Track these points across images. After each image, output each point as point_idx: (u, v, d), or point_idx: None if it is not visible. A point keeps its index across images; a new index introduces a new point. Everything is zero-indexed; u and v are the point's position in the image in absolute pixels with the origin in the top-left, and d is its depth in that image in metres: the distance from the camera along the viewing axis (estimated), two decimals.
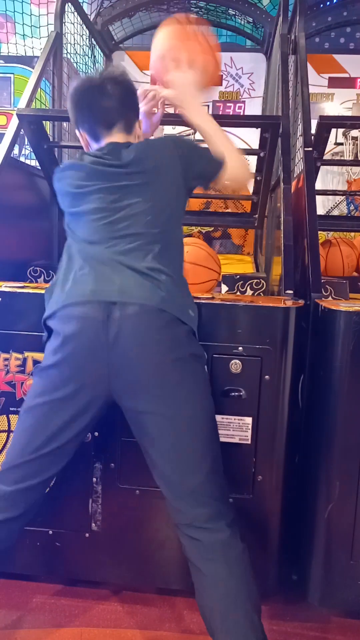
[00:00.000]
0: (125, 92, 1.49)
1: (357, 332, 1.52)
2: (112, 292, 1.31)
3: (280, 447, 1.65)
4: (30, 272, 2.31)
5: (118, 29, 4.14)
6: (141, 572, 1.74)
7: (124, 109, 1.49)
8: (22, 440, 1.36)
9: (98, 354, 1.30)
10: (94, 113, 1.48)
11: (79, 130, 1.55)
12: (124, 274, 1.33)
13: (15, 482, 1.35)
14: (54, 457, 1.36)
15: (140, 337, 1.29)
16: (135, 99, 1.54)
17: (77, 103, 1.50)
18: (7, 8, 4.77)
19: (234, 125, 4.12)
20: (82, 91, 1.48)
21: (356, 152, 4.12)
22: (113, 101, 1.46)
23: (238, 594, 1.28)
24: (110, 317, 1.29)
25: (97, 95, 1.46)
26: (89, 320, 1.30)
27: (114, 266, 1.34)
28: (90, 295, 1.31)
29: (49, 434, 1.34)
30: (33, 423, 1.35)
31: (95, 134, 1.51)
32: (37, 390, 1.37)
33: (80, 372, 1.32)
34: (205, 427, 1.35)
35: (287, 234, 1.92)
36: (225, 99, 4.59)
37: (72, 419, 1.34)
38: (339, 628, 1.72)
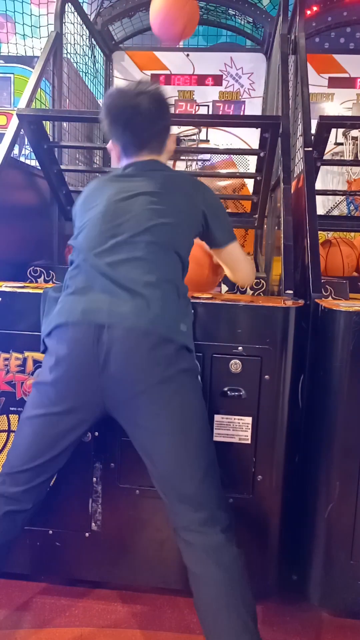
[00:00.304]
0: (159, 110, 1.51)
1: (357, 332, 1.52)
2: (101, 314, 1.33)
3: (280, 447, 1.65)
4: (30, 272, 2.31)
5: (118, 29, 4.14)
6: (141, 572, 1.74)
7: (157, 129, 1.52)
8: (22, 448, 1.41)
9: (89, 376, 1.33)
10: (128, 133, 1.51)
11: (113, 142, 1.57)
12: (114, 292, 1.34)
13: (18, 485, 1.40)
14: (52, 462, 1.41)
15: (129, 359, 1.31)
16: (167, 116, 1.56)
17: (112, 120, 1.52)
18: (7, 8, 4.77)
19: (234, 125, 4.13)
20: (117, 107, 1.50)
21: (356, 152, 4.12)
22: (147, 121, 1.49)
23: (230, 598, 1.30)
24: (100, 340, 1.31)
25: (132, 115, 1.48)
26: (79, 344, 1.33)
27: (105, 283, 1.36)
28: (80, 316, 1.34)
29: (47, 443, 1.39)
30: (32, 432, 1.40)
31: (127, 151, 1.54)
32: (34, 401, 1.42)
33: (73, 393, 1.36)
34: (199, 438, 1.38)
35: (287, 234, 1.92)
36: (225, 99, 4.59)
37: (68, 431, 1.39)
38: (339, 628, 1.72)
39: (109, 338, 1.30)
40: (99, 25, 3.87)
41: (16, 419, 1.73)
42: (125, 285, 1.35)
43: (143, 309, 1.33)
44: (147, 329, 1.31)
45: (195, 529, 1.33)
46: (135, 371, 1.31)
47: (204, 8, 4.08)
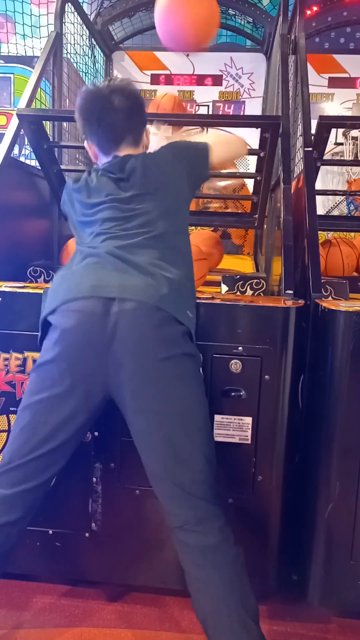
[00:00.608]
0: (132, 105, 1.52)
1: (357, 332, 1.52)
2: (112, 288, 1.32)
3: (280, 447, 1.65)
4: (30, 272, 2.31)
5: (118, 29, 4.14)
6: (141, 572, 1.74)
7: (131, 123, 1.53)
8: (19, 440, 1.36)
9: (95, 348, 1.31)
10: (102, 129, 1.52)
11: (88, 141, 1.58)
12: (125, 270, 1.35)
13: (12, 485, 1.34)
14: (51, 457, 1.36)
15: (136, 333, 1.30)
16: (142, 110, 1.57)
17: (85, 117, 1.53)
18: (7, 8, 4.77)
19: (234, 125, 4.12)
20: (90, 105, 1.52)
21: (356, 152, 4.11)
22: (121, 116, 1.50)
23: (230, 600, 1.28)
24: (109, 312, 1.30)
25: (105, 110, 1.49)
26: (87, 314, 1.31)
27: (115, 262, 1.36)
28: (90, 290, 1.33)
29: (47, 432, 1.33)
30: (30, 420, 1.35)
31: (104, 149, 1.56)
32: (33, 387, 1.37)
33: (77, 365, 1.32)
34: (197, 426, 1.36)
35: (287, 234, 1.92)
36: (225, 99, 4.59)
37: (70, 416, 1.34)
38: (339, 628, 1.72)
39: (118, 310, 1.30)
40: (99, 25, 3.87)
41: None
42: (137, 264, 1.35)
43: (154, 287, 1.33)
44: (157, 306, 1.32)
45: (190, 528, 1.31)
46: (142, 345, 1.30)
47: None
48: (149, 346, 1.31)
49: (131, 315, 1.30)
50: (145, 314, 1.31)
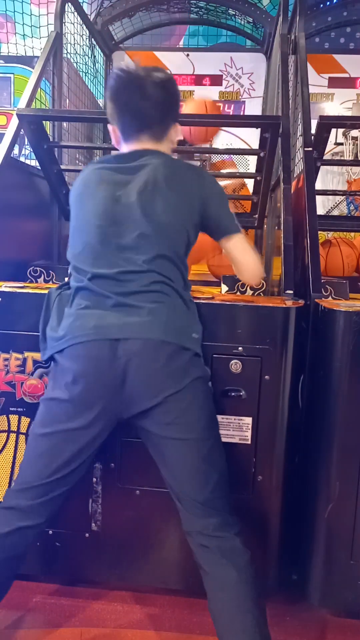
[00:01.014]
0: (165, 97, 1.44)
1: (357, 332, 1.52)
2: (114, 329, 1.32)
3: (280, 447, 1.65)
4: (30, 272, 2.31)
5: (118, 29, 4.13)
6: (141, 572, 1.74)
7: (160, 114, 1.45)
8: (39, 464, 1.38)
9: (109, 391, 1.33)
10: (129, 112, 1.44)
11: (113, 124, 1.50)
12: (124, 309, 1.35)
13: (33, 499, 1.38)
14: (70, 476, 1.39)
15: (147, 371, 1.32)
16: (175, 105, 1.49)
17: (114, 98, 1.45)
18: (7, 8, 4.77)
19: (234, 125, 4.13)
20: (120, 86, 1.43)
21: (356, 152, 4.12)
22: (151, 104, 1.42)
23: (246, 598, 1.32)
24: (116, 355, 1.31)
25: (136, 95, 1.41)
26: (96, 360, 1.33)
27: (114, 300, 1.35)
28: (93, 333, 1.33)
29: (66, 459, 1.37)
30: (50, 448, 1.37)
31: (126, 133, 1.48)
32: (48, 418, 1.39)
33: (94, 405, 1.34)
34: (211, 448, 1.39)
35: (287, 234, 1.92)
36: (225, 99, 4.60)
37: (87, 445, 1.38)
38: (339, 628, 1.72)
39: (125, 352, 1.31)
40: (99, 25, 3.87)
41: (16, 419, 1.72)
42: (134, 302, 1.35)
43: (156, 321, 1.33)
44: (162, 339, 1.32)
45: (210, 533, 1.35)
46: (154, 382, 1.32)
47: (204, 8, 4.08)
48: (162, 381, 1.33)
49: (140, 354, 1.31)
50: (152, 351, 1.32)
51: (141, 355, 1.31)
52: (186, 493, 1.37)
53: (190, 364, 1.37)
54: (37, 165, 2.54)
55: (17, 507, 1.37)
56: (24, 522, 1.36)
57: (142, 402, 1.34)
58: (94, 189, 1.43)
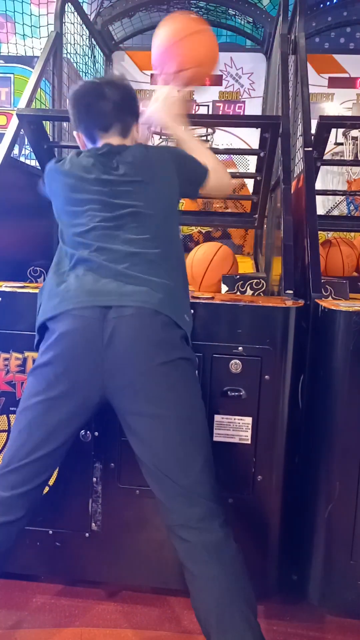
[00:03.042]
0: (123, 96, 1.52)
1: (357, 332, 1.52)
2: (110, 296, 1.33)
3: (280, 447, 1.65)
4: (30, 272, 2.31)
5: (118, 29, 4.14)
6: (141, 572, 1.74)
7: (120, 112, 1.52)
8: (17, 443, 1.36)
9: (92, 352, 1.31)
10: (90, 115, 1.52)
11: (76, 131, 1.58)
12: (120, 278, 1.35)
13: (11, 488, 1.35)
14: (48, 459, 1.36)
15: (135, 337, 1.31)
16: (133, 103, 1.56)
17: (75, 104, 1.54)
18: (7, 8, 4.76)
19: (234, 125, 4.12)
20: (80, 93, 1.53)
21: (356, 152, 4.11)
22: (110, 104, 1.49)
23: (233, 595, 1.28)
24: (107, 317, 1.31)
25: (95, 98, 1.50)
26: (85, 319, 1.32)
27: (109, 271, 1.37)
28: (88, 299, 1.33)
29: (44, 434, 1.34)
30: (28, 423, 1.35)
31: (91, 136, 1.54)
32: (31, 390, 1.38)
33: (74, 369, 1.32)
34: (195, 428, 1.37)
35: (287, 234, 1.92)
36: (225, 99, 4.59)
37: (66, 418, 1.34)
38: (339, 628, 1.72)
39: (116, 315, 1.30)
40: (99, 25, 3.87)
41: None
42: (132, 273, 1.36)
43: (151, 292, 1.34)
44: (155, 310, 1.32)
45: (193, 525, 1.31)
46: (141, 349, 1.30)
47: (204, 8, 4.08)
48: (147, 351, 1.31)
49: (130, 319, 1.31)
50: (144, 318, 1.32)
51: (132, 320, 1.30)
52: (167, 478, 1.32)
53: (180, 343, 1.37)
54: (37, 165, 2.54)
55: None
56: (4, 518, 1.34)
57: (124, 370, 1.31)
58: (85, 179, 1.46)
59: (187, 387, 1.37)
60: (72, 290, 1.37)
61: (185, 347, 1.39)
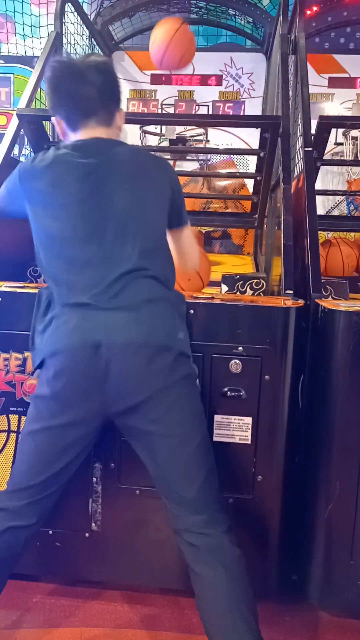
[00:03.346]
0: (107, 81, 1.42)
1: (357, 332, 1.52)
2: (98, 333, 1.30)
3: (280, 447, 1.65)
4: (30, 272, 2.31)
5: (118, 29, 4.14)
6: (141, 571, 1.74)
7: (104, 98, 1.42)
8: (26, 464, 1.38)
9: (90, 386, 1.32)
10: (72, 100, 1.41)
11: (55, 116, 1.46)
12: (106, 313, 1.32)
13: (24, 499, 1.37)
14: (58, 476, 1.38)
15: (127, 373, 1.31)
16: (116, 88, 1.46)
17: (55, 87, 1.42)
18: (7, 8, 4.77)
19: (234, 125, 4.13)
20: (61, 76, 1.41)
21: (356, 152, 4.12)
22: (94, 89, 1.39)
23: (234, 597, 1.30)
24: (98, 352, 1.30)
25: (77, 82, 1.39)
26: (77, 356, 1.31)
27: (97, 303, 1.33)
28: (77, 337, 1.31)
29: (51, 457, 1.36)
30: (35, 447, 1.37)
31: (72, 122, 1.44)
32: (35, 416, 1.39)
33: (75, 403, 1.34)
34: (198, 445, 1.37)
35: (287, 234, 1.92)
36: (225, 99, 4.59)
37: (72, 442, 1.36)
38: (339, 628, 1.72)
39: (107, 351, 1.29)
40: (99, 25, 3.87)
41: (16, 419, 1.73)
42: (119, 301, 1.33)
43: (138, 324, 1.32)
44: (142, 342, 1.31)
45: (197, 530, 1.33)
46: (135, 383, 1.31)
47: (204, 8, 4.08)
48: (143, 382, 1.31)
49: (119, 357, 1.30)
50: (132, 354, 1.30)
51: (121, 357, 1.30)
52: (173, 490, 1.35)
53: (175, 364, 1.35)
54: None
55: (8, 509, 1.36)
56: (14, 522, 1.35)
57: (125, 399, 1.32)
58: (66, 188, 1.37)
59: (186, 406, 1.37)
60: (60, 327, 1.35)
61: (181, 365, 1.37)
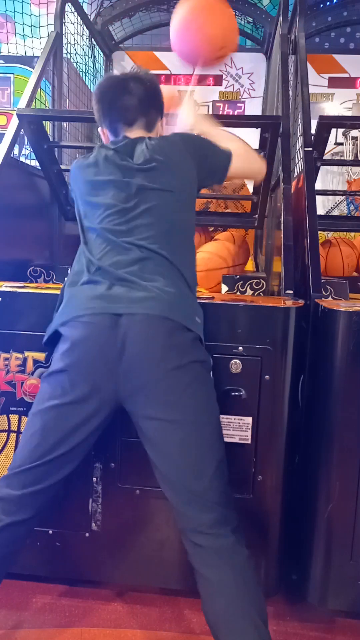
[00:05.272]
0: (148, 91, 1.52)
1: (357, 332, 1.52)
2: (119, 305, 1.32)
3: (280, 447, 1.65)
4: (30, 272, 2.31)
5: (118, 29, 4.13)
6: (141, 572, 1.74)
7: (145, 107, 1.52)
8: (30, 445, 1.36)
9: (106, 359, 1.31)
10: (114, 110, 1.52)
11: (101, 126, 1.58)
12: (129, 286, 1.35)
13: (23, 487, 1.35)
14: (61, 461, 1.36)
15: (146, 343, 1.30)
16: (158, 98, 1.56)
17: (99, 99, 1.54)
18: (7, 8, 4.76)
19: (234, 126, 4.11)
20: (105, 88, 1.53)
21: (356, 152, 4.11)
22: (134, 99, 1.49)
23: (243, 600, 1.28)
24: (118, 324, 1.30)
25: (119, 93, 1.50)
26: (97, 326, 1.32)
27: (120, 278, 1.36)
28: (97, 307, 1.33)
29: (58, 437, 1.34)
30: (42, 426, 1.35)
31: (115, 131, 1.54)
32: (45, 395, 1.37)
33: (89, 376, 1.32)
34: (210, 433, 1.36)
35: (287, 234, 1.92)
36: (225, 99, 4.59)
37: (81, 423, 1.34)
38: (339, 628, 1.72)
39: (126, 323, 1.30)
40: (99, 25, 3.87)
41: (16, 419, 1.73)
42: (141, 280, 1.35)
43: (160, 299, 1.33)
44: (165, 316, 1.32)
45: (205, 530, 1.31)
46: (153, 355, 1.30)
47: None
48: (160, 356, 1.31)
49: (139, 326, 1.30)
50: (154, 324, 1.31)
51: (142, 328, 1.30)
52: (182, 484, 1.32)
53: (192, 346, 1.36)
54: (37, 165, 2.54)
55: (7, 498, 1.34)
56: (13, 517, 1.34)
57: (139, 376, 1.30)
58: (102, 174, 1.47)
59: (200, 391, 1.36)
60: (83, 296, 1.37)
61: (197, 350, 1.38)
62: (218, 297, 1.76)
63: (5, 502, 1.35)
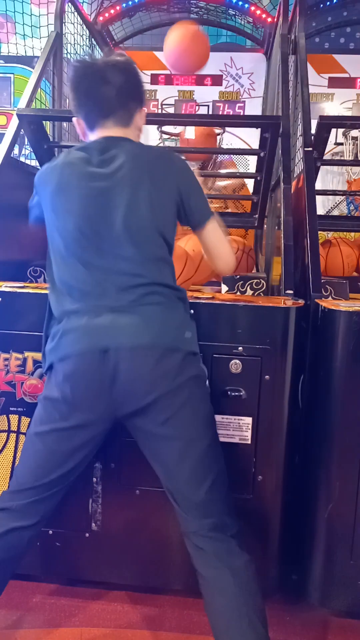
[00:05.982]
0: (128, 81, 1.41)
1: (357, 332, 1.52)
2: (106, 337, 1.30)
3: (280, 447, 1.65)
4: (30, 272, 2.31)
5: (118, 29, 4.13)
6: (141, 572, 1.74)
7: (123, 98, 1.40)
8: (31, 465, 1.38)
9: (99, 390, 1.31)
10: (91, 100, 1.41)
11: (77, 116, 1.47)
12: (113, 316, 1.32)
13: (27, 498, 1.37)
14: (63, 478, 1.38)
15: (136, 374, 1.30)
16: (138, 88, 1.45)
17: (75, 88, 1.42)
18: (7, 8, 4.76)
19: (234, 125, 4.12)
20: (81, 75, 1.40)
21: (356, 152, 4.11)
22: (112, 90, 1.38)
23: (242, 603, 1.29)
24: (106, 357, 1.29)
25: (96, 82, 1.38)
26: (86, 363, 1.31)
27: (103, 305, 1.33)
28: (84, 342, 1.31)
29: (58, 460, 1.36)
30: (41, 449, 1.36)
31: (90, 122, 1.44)
32: (43, 417, 1.38)
33: (84, 407, 1.33)
34: (206, 446, 1.37)
35: (287, 234, 1.92)
36: (225, 99, 4.59)
37: (80, 445, 1.36)
38: (339, 628, 1.72)
39: (114, 355, 1.29)
40: (99, 25, 3.87)
41: (16, 419, 1.73)
42: (125, 305, 1.32)
43: (145, 327, 1.31)
44: (149, 344, 1.30)
45: (205, 534, 1.33)
46: (143, 385, 1.30)
47: (204, 8, 4.07)
48: (150, 386, 1.31)
49: (127, 358, 1.29)
50: (141, 354, 1.30)
51: (129, 359, 1.29)
52: (182, 493, 1.35)
53: (184, 364, 1.34)
54: (37, 165, 2.53)
55: (11, 509, 1.36)
56: (18, 523, 1.35)
57: (133, 402, 1.31)
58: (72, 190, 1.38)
59: (194, 407, 1.36)
60: (69, 333, 1.34)
61: (189, 367, 1.36)
62: (218, 297, 1.75)
63: (11, 510, 1.36)
